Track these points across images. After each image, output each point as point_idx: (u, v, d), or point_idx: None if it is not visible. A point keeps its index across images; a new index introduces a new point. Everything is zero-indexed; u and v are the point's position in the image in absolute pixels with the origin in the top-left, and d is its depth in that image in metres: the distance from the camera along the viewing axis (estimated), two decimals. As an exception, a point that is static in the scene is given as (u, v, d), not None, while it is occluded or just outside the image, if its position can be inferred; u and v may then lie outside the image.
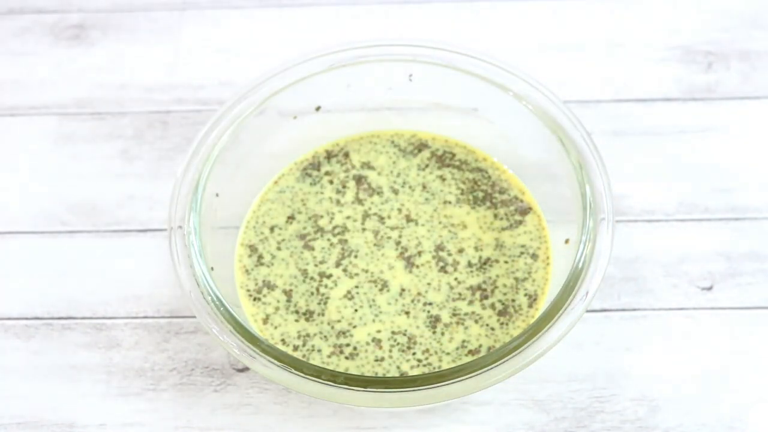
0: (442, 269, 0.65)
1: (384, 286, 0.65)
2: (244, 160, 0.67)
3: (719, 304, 0.68)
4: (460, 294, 0.64)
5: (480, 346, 0.62)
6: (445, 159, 0.70)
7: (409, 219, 0.68)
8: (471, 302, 0.64)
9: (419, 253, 0.66)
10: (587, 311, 0.57)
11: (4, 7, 0.86)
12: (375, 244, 0.66)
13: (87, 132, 0.78)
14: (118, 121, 0.78)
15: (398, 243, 0.66)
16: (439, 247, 0.66)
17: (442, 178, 0.69)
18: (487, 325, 0.63)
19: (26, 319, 0.69)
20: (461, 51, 0.67)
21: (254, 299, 0.65)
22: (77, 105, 0.80)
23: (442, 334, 0.63)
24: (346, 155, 0.70)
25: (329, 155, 0.70)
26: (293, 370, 0.55)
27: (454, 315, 0.63)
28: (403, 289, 0.64)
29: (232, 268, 0.66)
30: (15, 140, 0.78)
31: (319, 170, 0.70)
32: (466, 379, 0.55)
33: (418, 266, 0.65)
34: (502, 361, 0.55)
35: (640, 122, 0.72)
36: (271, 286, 0.65)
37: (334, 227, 0.67)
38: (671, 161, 0.75)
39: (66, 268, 0.71)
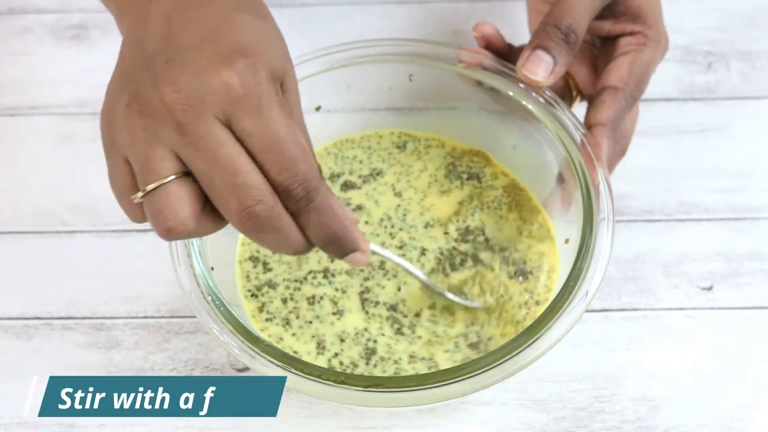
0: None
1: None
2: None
3: (719, 304, 0.68)
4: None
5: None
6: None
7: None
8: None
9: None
10: (587, 311, 0.57)
11: (4, 7, 0.86)
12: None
13: (87, 132, 0.78)
14: (118, 121, 0.77)
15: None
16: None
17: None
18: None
19: (26, 319, 0.69)
20: (461, 51, 0.67)
21: (253, 295, 0.64)
22: (77, 105, 0.80)
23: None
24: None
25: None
26: (293, 370, 0.55)
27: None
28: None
29: (232, 267, 0.66)
30: (15, 140, 0.78)
31: None
32: (466, 379, 0.55)
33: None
34: (502, 361, 0.55)
35: (640, 122, 0.72)
36: (272, 285, 0.65)
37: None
38: (671, 161, 0.75)
39: (66, 268, 0.71)
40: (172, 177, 0.46)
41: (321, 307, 0.63)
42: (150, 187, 0.46)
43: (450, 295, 0.63)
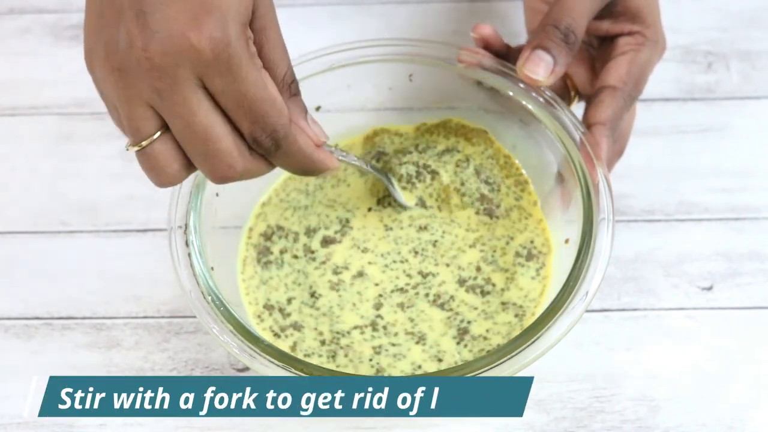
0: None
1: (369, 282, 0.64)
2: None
3: (719, 304, 0.68)
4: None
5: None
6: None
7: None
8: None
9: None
10: (587, 311, 0.57)
11: (4, 7, 0.86)
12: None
13: (87, 132, 0.78)
14: (118, 121, 0.77)
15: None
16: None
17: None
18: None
19: (26, 319, 0.69)
20: (461, 51, 0.67)
21: (275, 335, 0.63)
22: (77, 105, 0.80)
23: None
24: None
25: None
26: (293, 370, 0.55)
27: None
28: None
29: (232, 267, 0.66)
30: (15, 140, 0.78)
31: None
32: (467, 378, 0.55)
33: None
34: (502, 361, 0.55)
35: (640, 122, 0.72)
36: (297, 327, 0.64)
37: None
38: (671, 161, 0.75)
39: (66, 268, 0.71)
40: (158, 134, 0.50)
41: (398, 348, 0.62)
42: (143, 143, 0.50)
43: (399, 197, 0.66)
